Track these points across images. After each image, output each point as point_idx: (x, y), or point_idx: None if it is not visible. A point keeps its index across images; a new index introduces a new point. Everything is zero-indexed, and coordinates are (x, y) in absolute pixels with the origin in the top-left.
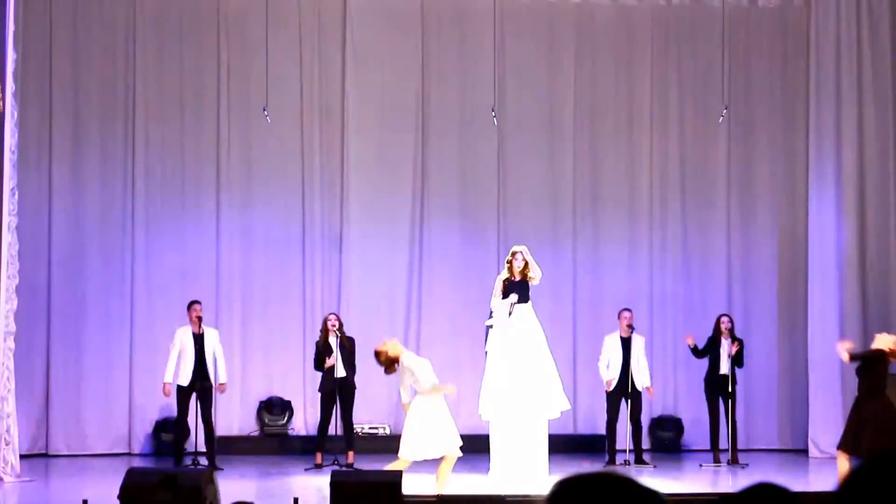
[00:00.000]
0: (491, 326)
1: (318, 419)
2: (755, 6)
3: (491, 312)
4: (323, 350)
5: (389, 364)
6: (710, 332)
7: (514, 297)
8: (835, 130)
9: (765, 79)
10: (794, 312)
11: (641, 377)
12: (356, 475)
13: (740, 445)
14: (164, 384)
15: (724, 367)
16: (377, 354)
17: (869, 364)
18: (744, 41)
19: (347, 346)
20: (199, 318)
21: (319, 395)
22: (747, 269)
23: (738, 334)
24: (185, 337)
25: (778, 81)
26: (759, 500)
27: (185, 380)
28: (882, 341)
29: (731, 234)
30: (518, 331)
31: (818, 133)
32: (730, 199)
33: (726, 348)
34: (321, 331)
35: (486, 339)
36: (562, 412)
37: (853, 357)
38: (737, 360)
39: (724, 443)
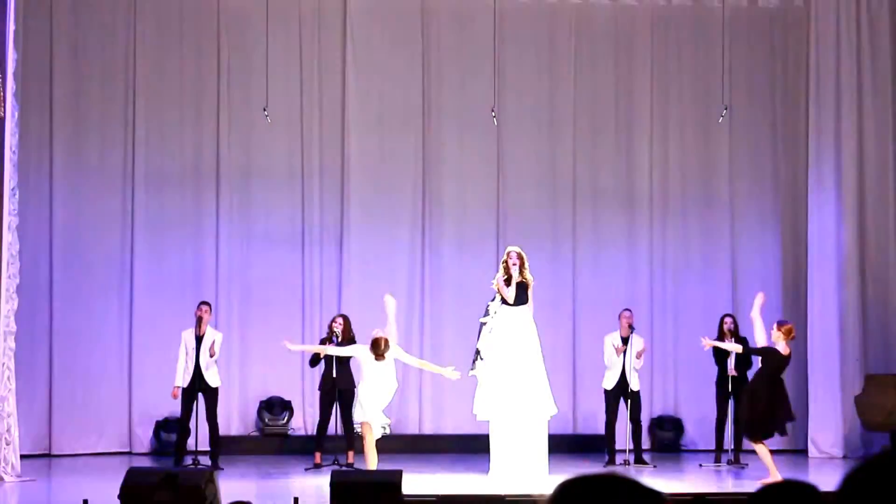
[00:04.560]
0: (484, 323)
1: (318, 419)
2: (755, 6)
3: (486, 310)
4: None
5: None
6: (712, 333)
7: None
8: (834, 130)
9: (765, 79)
10: (794, 312)
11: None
12: (356, 475)
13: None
14: (174, 387)
15: (730, 368)
16: (382, 343)
17: None
18: (744, 41)
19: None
20: (200, 319)
21: (319, 393)
22: (747, 268)
23: (739, 333)
24: (188, 338)
25: (778, 81)
26: (786, 498)
27: (185, 381)
28: None
29: (732, 233)
30: (513, 333)
31: (818, 133)
32: (730, 198)
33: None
34: (328, 328)
35: (478, 336)
36: (551, 415)
37: None
38: (744, 363)
39: (725, 443)
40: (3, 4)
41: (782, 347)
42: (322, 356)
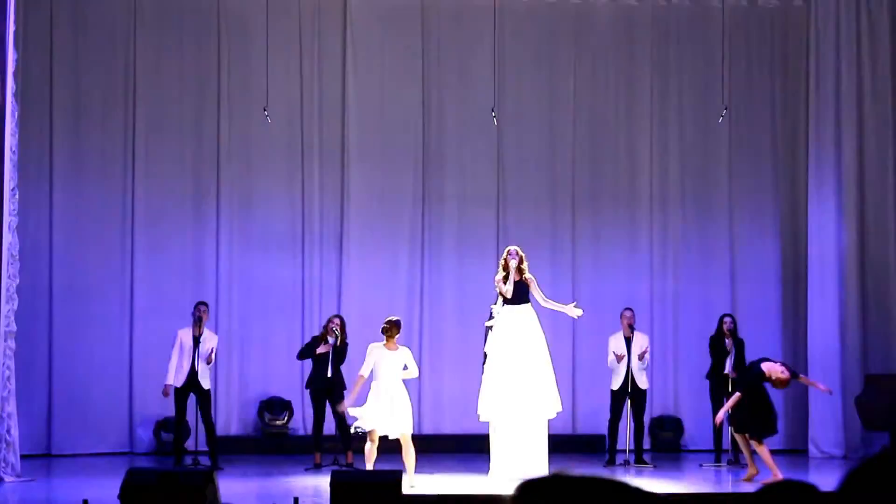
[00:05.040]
0: (490, 327)
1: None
2: (755, 6)
3: (490, 313)
4: (312, 345)
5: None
6: (712, 332)
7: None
8: (834, 130)
9: (765, 79)
10: (794, 312)
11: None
12: (356, 475)
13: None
14: (165, 385)
15: (728, 367)
16: (394, 327)
17: None
18: (744, 41)
19: (340, 350)
20: (199, 319)
21: (309, 391)
22: (747, 268)
23: (738, 334)
24: (185, 338)
25: (778, 81)
26: (786, 498)
27: (180, 380)
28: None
29: (732, 233)
30: (518, 332)
31: (818, 132)
32: (730, 198)
33: (729, 348)
34: (323, 327)
35: (485, 340)
36: (557, 413)
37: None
38: (741, 364)
39: (725, 443)
40: (3, 4)
41: (766, 371)
42: (320, 354)
